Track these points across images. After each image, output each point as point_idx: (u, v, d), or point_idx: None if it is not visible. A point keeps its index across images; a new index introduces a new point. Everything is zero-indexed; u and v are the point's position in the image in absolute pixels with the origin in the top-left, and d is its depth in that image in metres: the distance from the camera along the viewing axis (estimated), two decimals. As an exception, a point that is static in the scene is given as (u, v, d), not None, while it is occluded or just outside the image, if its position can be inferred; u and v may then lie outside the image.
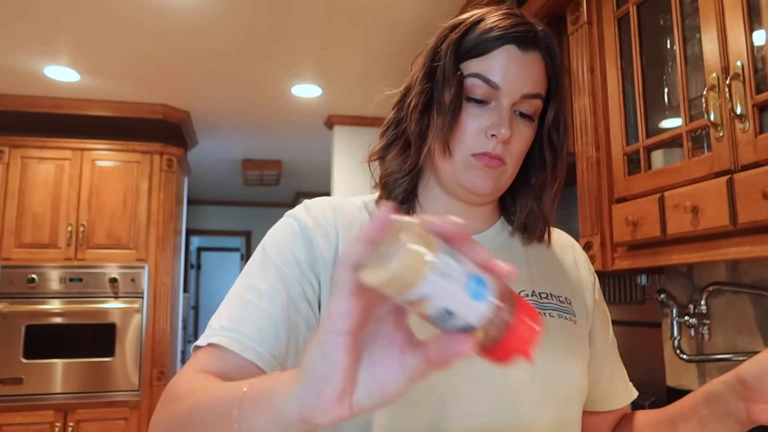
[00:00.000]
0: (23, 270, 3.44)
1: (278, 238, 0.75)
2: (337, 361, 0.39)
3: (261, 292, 0.69)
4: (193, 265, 8.00)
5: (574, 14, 1.71)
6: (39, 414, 3.32)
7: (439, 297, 0.37)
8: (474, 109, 0.74)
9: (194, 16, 2.66)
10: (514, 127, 0.75)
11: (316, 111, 3.92)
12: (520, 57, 0.74)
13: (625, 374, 0.92)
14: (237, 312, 0.68)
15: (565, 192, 2.32)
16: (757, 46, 1.15)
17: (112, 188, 3.65)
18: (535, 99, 0.75)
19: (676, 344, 1.66)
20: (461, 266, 0.38)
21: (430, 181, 0.81)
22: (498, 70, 0.73)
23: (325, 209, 0.78)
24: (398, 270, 0.35)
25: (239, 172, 5.57)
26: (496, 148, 0.73)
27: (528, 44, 0.74)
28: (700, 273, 1.67)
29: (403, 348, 0.40)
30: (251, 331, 0.66)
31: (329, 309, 0.39)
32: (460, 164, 0.75)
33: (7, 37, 2.86)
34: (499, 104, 0.74)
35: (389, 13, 2.59)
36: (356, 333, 0.39)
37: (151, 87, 3.55)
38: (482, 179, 0.75)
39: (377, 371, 0.40)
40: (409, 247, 0.36)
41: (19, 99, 3.64)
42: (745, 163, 1.14)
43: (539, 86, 0.76)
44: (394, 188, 0.80)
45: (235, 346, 0.65)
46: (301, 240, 0.74)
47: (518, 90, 0.74)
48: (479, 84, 0.73)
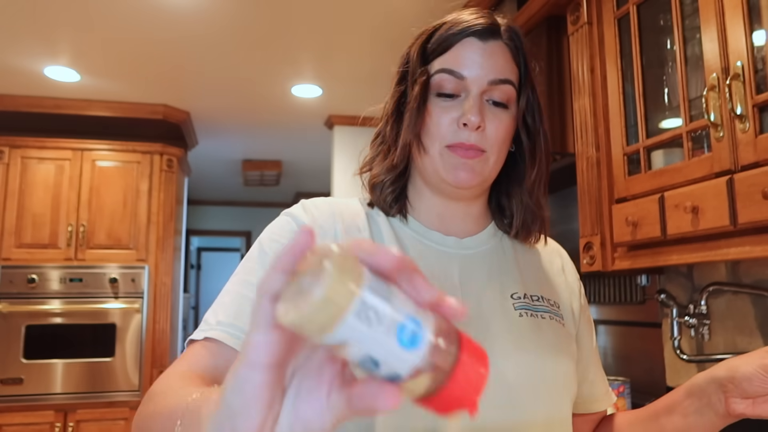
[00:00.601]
0: (23, 270, 3.44)
1: (275, 235, 0.76)
2: (253, 397, 0.35)
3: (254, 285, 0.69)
4: (193, 265, 8.00)
5: (574, 14, 1.71)
6: (39, 414, 3.32)
7: (361, 343, 0.32)
8: (444, 102, 0.76)
9: (194, 17, 2.66)
10: (487, 113, 0.75)
11: (316, 111, 3.92)
12: (481, 46, 0.76)
13: (605, 379, 0.93)
14: (233, 307, 0.69)
15: (565, 192, 2.33)
16: (757, 47, 1.15)
17: (112, 188, 3.65)
18: (504, 85, 0.76)
19: (676, 344, 1.66)
20: (392, 308, 0.33)
21: (417, 183, 0.83)
22: (461, 61, 0.75)
23: (323, 210, 0.79)
24: (312, 311, 0.31)
25: (239, 173, 5.57)
26: (470, 137, 0.74)
27: (488, 35, 0.77)
28: (700, 273, 1.67)
29: (331, 384, 0.36)
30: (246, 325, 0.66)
31: (247, 339, 0.36)
32: (438, 159, 0.76)
33: (8, 37, 2.86)
34: (468, 94, 0.75)
35: (389, 14, 2.59)
36: (279, 365, 0.35)
37: (152, 87, 3.55)
38: (463, 171, 0.75)
39: (301, 407, 0.36)
40: (327, 284, 0.31)
41: (20, 99, 3.65)
42: (745, 163, 1.14)
43: (506, 72, 0.77)
44: (381, 190, 0.81)
45: (230, 340, 0.65)
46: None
47: (484, 77, 0.75)
48: (446, 78, 0.75)
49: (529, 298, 0.80)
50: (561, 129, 1.91)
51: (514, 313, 0.77)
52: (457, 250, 0.80)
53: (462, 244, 0.81)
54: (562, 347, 0.79)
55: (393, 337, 0.32)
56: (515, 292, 0.79)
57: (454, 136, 0.75)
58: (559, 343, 0.78)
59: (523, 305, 0.78)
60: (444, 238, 0.81)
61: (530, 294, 0.80)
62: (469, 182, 0.76)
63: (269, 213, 7.44)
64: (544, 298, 0.82)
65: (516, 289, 0.80)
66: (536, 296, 0.81)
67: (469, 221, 0.83)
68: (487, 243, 0.84)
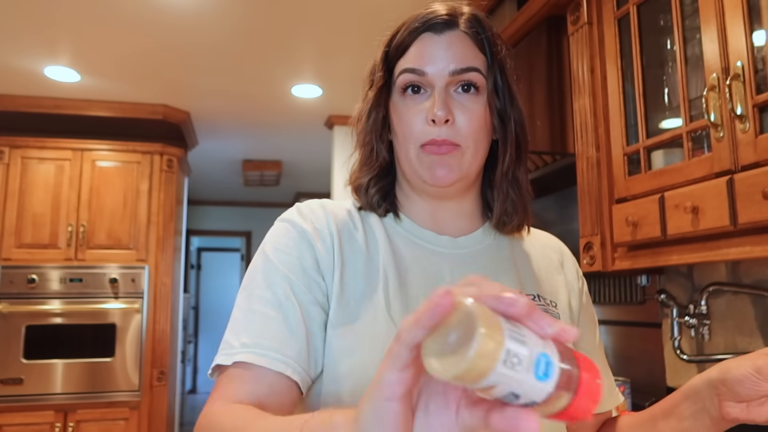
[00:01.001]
0: (23, 270, 3.44)
1: (279, 245, 0.74)
2: (393, 424, 0.39)
3: (274, 302, 0.69)
4: (193, 265, 8.00)
5: (574, 14, 1.71)
6: (39, 414, 3.32)
7: (505, 384, 0.36)
8: (411, 101, 0.76)
9: (195, 17, 2.66)
10: (455, 105, 0.74)
11: (317, 111, 3.92)
12: (436, 39, 0.76)
13: (611, 379, 0.92)
14: (253, 326, 0.68)
15: (565, 192, 2.33)
16: (758, 47, 1.15)
17: (112, 189, 3.65)
18: (469, 73, 0.74)
19: (676, 344, 1.66)
20: (527, 348, 0.37)
21: (404, 185, 0.83)
22: (419, 57, 0.75)
23: (318, 213, 0.78)
24: (468, 367, 0.34)
25: (239, 173, 5.57)
26: (441, 132, 0.73)
27: (443, 27, 0.76)
28: (700, 273, 1.67)
29: (459, 403, 0.40)
30: (274, 344, 0.66)
31: (381, 376, 0.40)
32: (414, 160, 0.76)
33: (8, 37, 2.86)
34: (432, 89, 0.75)
35: (389, 14, 2.59)
36: (410, 394, 0.40)
37: (152, 87, 3.55)
38: (440, 168, 0.74)
39: (433, 424, 0.40)
40: (480, 342, 0.34)
41: (20, 99, 3.65)
42: (745, 163, 1.14)
43: (469, 59, 0.75)
44: (366, 192, 0.81)
45: (261, 360, 0.65)
46: (303, 244, 0.74)
47: (444, 68, 0.74)
48: (410, 77, 0.75)
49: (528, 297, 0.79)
50: (561, 129, 1.91)
51: None
52: (450, 250, 0.80)
53: (456, 244, 0.80)
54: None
55: (531, 374, 0.36)
56: None
57: (426, 134, 0.74)
58: None
59: None
60: (437, 237, 0.80)
61: (527, 293, 0.80)
62: (448, 179, 0.74)
63: (269, 213, 7.44)
64: (541, 297, 0.81)
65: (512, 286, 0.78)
66: (533, 296, 0.80)
67: (462, 220, 0.82)
68: (482, 242, 0.83)
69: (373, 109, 0.79)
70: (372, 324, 0.70)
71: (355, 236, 0.78)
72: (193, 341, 7.98)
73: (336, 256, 0.74)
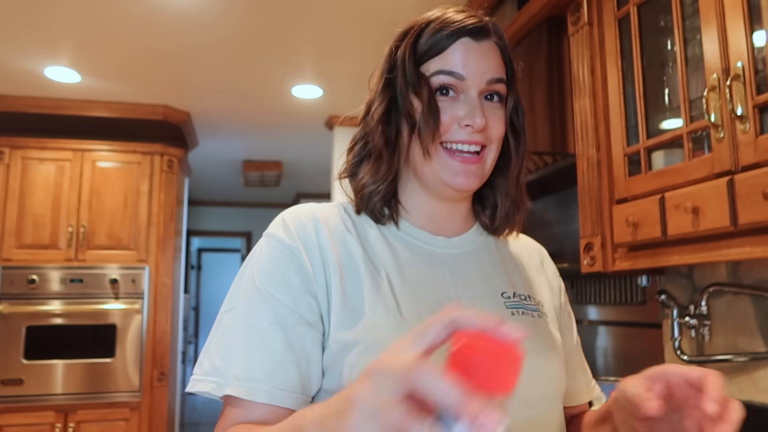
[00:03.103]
0: (24, 271, 3.44)
1: (266, 266, 0.74)
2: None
3: (260, 330, 0.69)
4: (193, 265, 8.00)
5: (574, 15, 1.71)
6: (39, 415, 3.32)
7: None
8: (444, 102, 0.76)
9: (195, 17, 2.66)
10: (488, 113, 0.76)
11: (317, 112, 3.92)
12: (476, 47, 0.76)
13: (587, 372, 0.93)
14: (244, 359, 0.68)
15: (566, 193, 2.33)
16: (758, 47, 1.15)
17: (112, 189, 3.65)
18: (499, 84, 0.77)
19: (676, 345, 1.66)
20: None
21: (410, 184, 0.82)
22: (459, 62, 0.75)
23: (305, 222, 0.77)
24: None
25: (240, 173, 5.57)
26: (473, 136, 0.75)
27: (481, 34, 0.77)
28: (700, 274, 1.67)
29: None
30: (261, 375, 0.67)
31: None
32: (436, 160, 0.76)
33: (8, 37, 2.86)
34: (467, 96, 0.75)
35: (390, 14, 2.59)
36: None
37: (152, 88, 3.56)
38: (466, 176, 0.75)
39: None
40: None
41: (20, 100, 3.65)
42: (745, 163, 1.14)
43: (500, 71, 0.78)
44: (370, 199, 0.79)
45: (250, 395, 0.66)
46: (289, 262, 0.73)
47: (482, 77, 0.76)
48: (446, 79, 0.75)
49: (519, 297, 0.80)
50: (561, 130, 1.91)
51: (506, 312, 0.77)
52: (446, 250, 0.80)
53: (451, 244, 0.81)
54: (553, 345, 0.79)
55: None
56: (505, 291, 0.80)
57: (455, 134, 0.75)
58: (549, 341, 0.79)
59: (514, 304, 0.79)
60: (433, 237, 0.81)
61: (518, 293, 0.81)
62: (470, 186, 0.76)
63: (270, 213, 7.38)
64: (531, 296, 0.83)
65: (505, 288, 0.80)
66: (524, 295, 0.82)
67: (456, 220, 0.83)
68: (473, 242, 0.84)
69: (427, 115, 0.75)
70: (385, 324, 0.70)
71: (349, 241, 0.77)
72: (193, 342, 7.98)
73: (332, 267, 0.73)
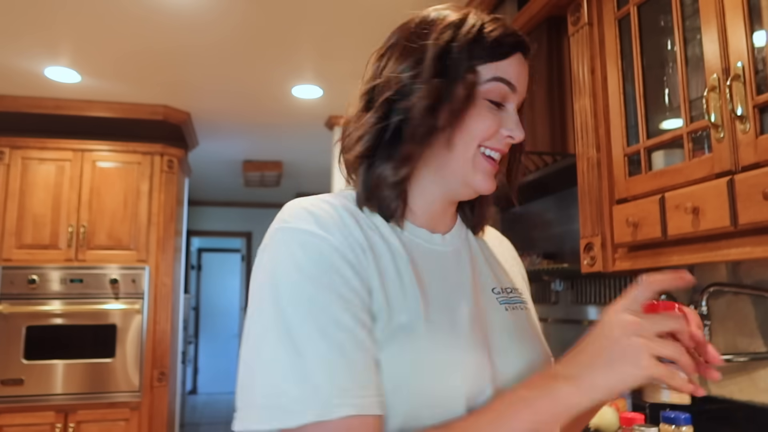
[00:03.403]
0: (24, 271, 3.44)
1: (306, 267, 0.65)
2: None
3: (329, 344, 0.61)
4: (193, 266, 8.00)
5: (574, 15, 1.71)
6: (40, 415, 3.32)
7: None
8: (493, 109, 0.76)
9: (195, 17, 2.66)
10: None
11: (317, 112, 3.92)
12: (524, 64, 0.79)
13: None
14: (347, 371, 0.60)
15: (566, 193, 2.33)
16: (758, 47, 1.15)
17: (112, 189, 3.65)
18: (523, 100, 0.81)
19: (676, 345, 1.66)
20: None
21: (423, 182, 0.78)
22: (515, 74, 0.77)
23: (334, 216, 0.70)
24: None
25: (240, 173, 5.57)
26: (502, 145, 0.77)
27: (529, 52, 0.80)
28: (700, 274, 1.67)
29: None
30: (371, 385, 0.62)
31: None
32: (469, 159, 0.76)
33: (8, 37, 2.86)
34: (510, 107, 0.77)
35: (390, 14, 2.59)
36: None
37: (152, 88, 3.56)
38: (491, 180, 0.77)
39: None
40: None
41: (20, 100, 3.65)
42: (745, 164, 1.14)
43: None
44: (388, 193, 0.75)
45: (374, 408, 0.61)
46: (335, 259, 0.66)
47: (522, 94, 0.79)
48: (501, 87, 0.76)
49: (506, 292, 0.82)
50: (561, 130, 1.91)
51: (500, 307, 0.79)
52: (442, 247, 0.80)
53: (445, 240, 0.81)
54: (540, 336, 0.82)
55: None
56: (494, 287, 0.81)
57: (490, 142, 0.76)
58: (536, 333, 0.82)
59: (504, 299, 0.81)
60: (431, 235, 0.80)
61: (504, 287, 0.83)
62: (492, 189, 0.78)
63: (270, 214, 7.33)
64: (514, 288, 0.85)
65: (493, 283, 0.82)
66: (509, 288, 0.84)
67: (448, 217, 0.83)
68: (459, 237, 0.84)
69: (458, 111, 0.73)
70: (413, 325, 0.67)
71: (374, 238, 0.73)
72: (193, 342, 7.98)
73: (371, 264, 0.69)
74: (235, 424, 0.62)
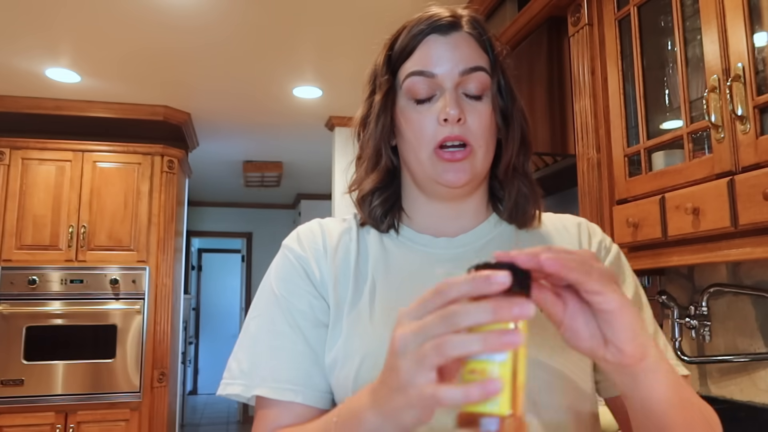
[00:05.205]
0: (24, 271, 3.44)
1: (282, 274, 0.79)
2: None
3: (282, 333, 0.74)
4: (194, 266, 8.00)
5: (574, 16, 1.71)
6: (40, 415, 3.32)
7: None
8: (422, 107, 0.75)
9: (195, 18, 2.66)
10: (465, 106, 0.74)
11: (317, 112, 3.93)
12: (443, 40, 0.75)
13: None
14: (268, 359, 0.73)
15: (566, 193, 2.33)
16: (758, 48, 1.15)
17: (112, 190, 3.65)
18: (476, 72, 0.75)
19: (677, 346, 1.66)
20: None
21: (411, 191, 0.82)
22: (427, 59, 0.75)
23: (316, 233, 0.81)
24: None
25: (240, 174, 5.57)
26: (454, 130, 0.73)
27: (448, 28, 0.76)
28: (701, 274, 1.67)
29: None
30: (288, 375, 0.72)
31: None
32: (427, 162, 0.75)
33: (9, 38, 2.86)
34: (442, 91, 0.74)
35: (390, 14, 2.59)
36: None
37: (152, 88, 3.56)
38: (454, 172, 0.74)
39: None
40: None
41: (20, 100, 3.65)
42: (746, 164, 1.14)
43: (476, 59, 0.76)
44: (369, 205, 0.81)
45: (276, 393, 0.71)
46: (300, 271, 0.78)
47: (454, 69, 0.74)
48: (418, 80, 0.75)
49: None
50: (562, 130, 1.91)
51: None
52: (447, 251, 0.79)
53: (454, 243, 0.79)
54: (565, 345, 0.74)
55: None
56: None
57: (438, 134, 0.74)
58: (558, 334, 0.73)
59: None
60: (434, 240, 0.79)
61: None
62: (461, 181, 0.75)
63: (270, 214, 7.44)
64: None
65: None
66: None
67: (464, 218, 0.81)
68: (485, 236, 0.81)
69: (381, 115, 0.78)
70: (353, 334, 0.72)
71: (349, 250, 0.80)
72: (193, 342, 7.99)
73: (329, 274, 0.77)
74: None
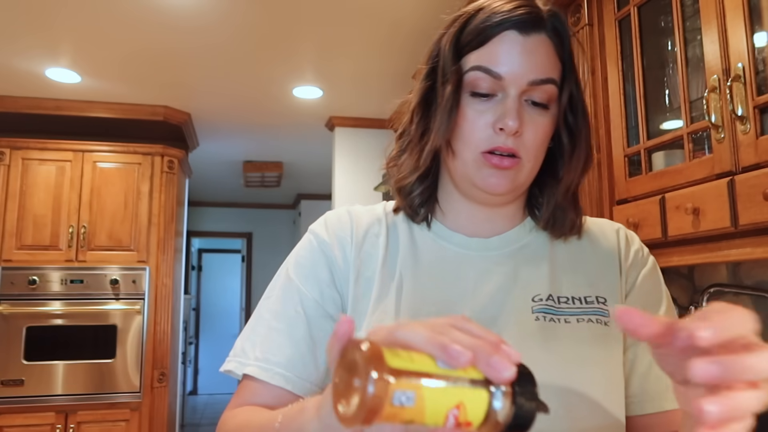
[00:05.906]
0: (24, 271, 3.44)
1: (301, 258, 0.78)
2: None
3: (285, 317, 0.74)
4: (194, 266, 8.00)
5: (575, 16, 1.71)
6: (40, 416, 3.32)
7: None
8: (480, 104, 0.70)
9: (195, 18, 2.66)
10: (525, 117, 0.69)
11: (317, 112, 3.93)
12: (521, 41, 0.68)
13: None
14: (265, 339, 0.73)
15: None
16: (758, 48, 1.15)
17: (113, 190, 3.65)
18: (545, 85, 0.69)
19: (677, 346, 1.65)
20: None
21: (448, 185, 0.78)
22: (499, 58, 0.68)
23: (344, 221, 0.79)
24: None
25: (240, 174, 5.57)
26: (507, 141, 0.68)
27: (529, 27, 0.69)
28: (701, 274, 1.67)
29: None
30: (280, 359, 0.71)
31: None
32: (471, 164, 0.71)
33: (9, 38, 2.86)
34: (505, 95, 0.69)
35: (389, 15, 2.59)
36: None
37: (152, 89, 3.56)
38: (496, 178, 0.70)
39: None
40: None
41: (21, 101, 3.65)
42: (746, 164, 1.14)
43: (548, 70, 0.69)
44: (409, 195, 0.77)
45: (265, 375, 0.71)
46: (321, 257, 0.76)
47: (524, 77, 0.68)
48: (482, 77, 0.69)
49: (555, 300, 0.72)
50: (562, 130, 1.91)
51: (530, 317, 0.70)
52: (479, 252, 0.75)
53: (486, 245, 0.76)
54: (588, 352, 0.69)
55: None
56: (537, 294, 0.72)
57: (490, 141, 0.69)
58: (583, 347, 0.69)
59: (543, 308, 0.71)
60: (467, 240, 0.76)
61: (557, 295, 0.73)
62: (501, 190, 0.71)
63: (270, 214, 7.44)
64: (578, 297, 0.73)
65: (539, 290, 0.73)
66: (565, 297, 0.73)
67: (499, 221, 0.78)
68: (519, 241, 0.77)
69: (452, 109, 0.70)
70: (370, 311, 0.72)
71: (377, 242, 0.77)
72: (193, 342, 7.99)
73: (352, 265, 0.75)
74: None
